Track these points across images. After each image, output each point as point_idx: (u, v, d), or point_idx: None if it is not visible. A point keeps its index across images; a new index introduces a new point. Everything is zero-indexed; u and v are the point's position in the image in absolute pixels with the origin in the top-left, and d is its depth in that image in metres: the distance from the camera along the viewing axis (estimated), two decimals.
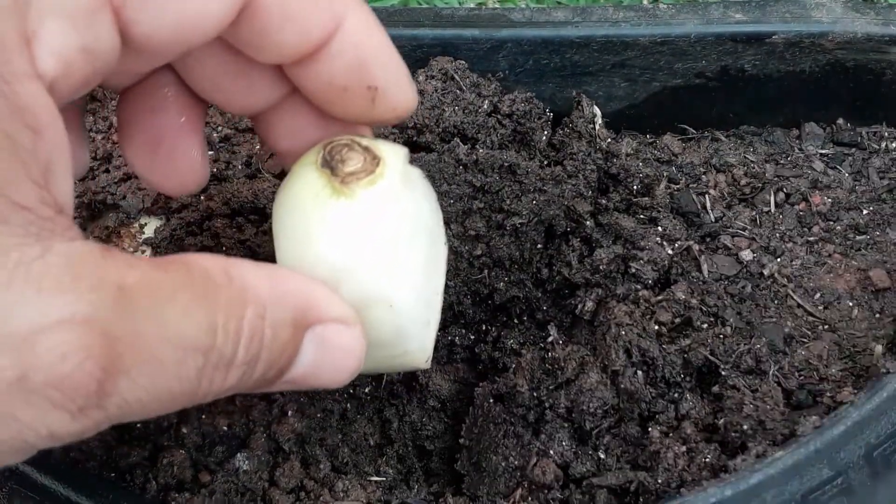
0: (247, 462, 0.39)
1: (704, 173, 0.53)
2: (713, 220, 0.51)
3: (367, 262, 0.33)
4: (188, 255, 0.28)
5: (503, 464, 0.42)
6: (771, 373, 0.42)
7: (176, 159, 0.36)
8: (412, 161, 0.37)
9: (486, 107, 0.49)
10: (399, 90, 0.35)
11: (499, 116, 0.49)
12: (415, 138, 0.48)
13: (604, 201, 0.49)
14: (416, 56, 0.50)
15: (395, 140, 0.47)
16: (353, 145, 0.34)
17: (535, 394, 0.43)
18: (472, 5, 0.92)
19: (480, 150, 0.46)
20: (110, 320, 0.25)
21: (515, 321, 0.48)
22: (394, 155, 0.34)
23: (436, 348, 0.47)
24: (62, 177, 0.26)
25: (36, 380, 0.23)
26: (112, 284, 0.25)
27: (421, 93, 0.48)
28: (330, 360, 0.32)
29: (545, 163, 0.49)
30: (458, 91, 0.48)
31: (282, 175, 0.46)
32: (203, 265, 0.28)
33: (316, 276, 0.32)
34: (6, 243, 0.23)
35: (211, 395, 0.28)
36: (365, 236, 0.33)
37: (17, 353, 0.23)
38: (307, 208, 0.33)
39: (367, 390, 0.45)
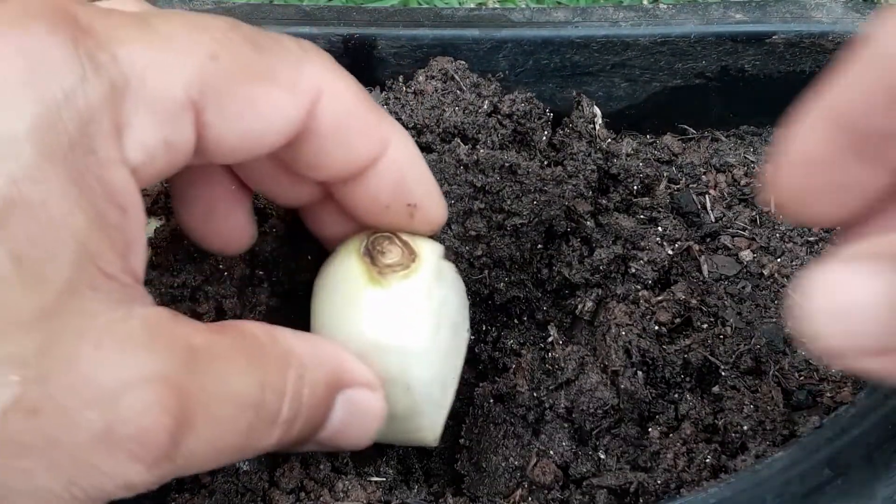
0: (247, 462, 0.39)
1: (704, 173, 0.53)
2: (713, 220, 0.51)
3: (391, 347, 0.36)
4: (238, 321, 0.32)
5: (503, 464, 0.42)
6: (771, 373, 0.42)
7: (228, 225, 0.39)
8: (446, 256, 0.40)
9: (486, 107, 0.49)
10: (434, 206, 0.38)
11: (499, 116, 0.49)
12: (415, 138, 0.48)
13: (604, 201, 0.49)
14: (416, 56, 0.50)
15: None
16: (394, 239, 0.38)
17: (534, 394, 0.43)
18: (472, 5, 0.92)
19: (481, 151, 0.46)
20: (183, 378, 0.27)
21: (515, 321, 0.48)
22: (430, 252, 0.38)
23: None
24: (139, 250, 0.28)
25: (120, 432, 0.26)
26: (183, 345, 0.28)
27: (421, 93, 0.48)
28: (355, 421, 0.34)
29: (545, 163, 0.49)
30: (458, 91, 0.48)
31: None
32: (253, 331, 0.31)
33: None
34: (96, 308, 0.26)
35: (256, 451, 0.31)
36: (393, 324, 0.36)
37: (104, 408, 0.25)
38: (345, 291, 0.37)
39: None
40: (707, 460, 0.39)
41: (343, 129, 0.34)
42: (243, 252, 0.41)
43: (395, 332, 0.36)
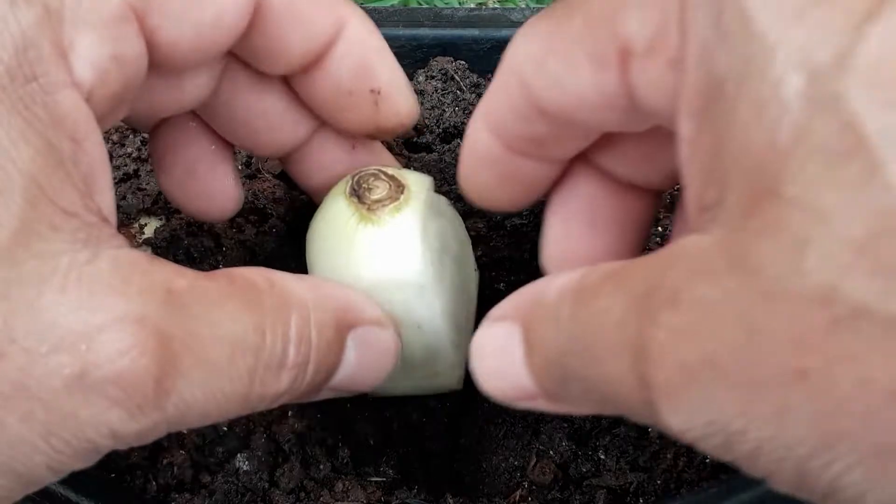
0: (247, 462, 0.39)
1: None
2: None
3: (393, 283, 0.34)
4: (230, 269, 0.30)
5: (503, 464, 0.42)
6: None
7: (210, 187, 0.37)
8: (437, 190, 0.39)
9: None
10: (400, 94, 0.36)
11: None
12: (415, 139, 0.48)
13: None
14: (416, 56, 0.50)
15: (396, 142, 0.47)
16: (379, 174, 0.36)
17: None
18: (472, 5, 0.92)
19: None
20: (163, 320, 0.25)
21: None
22: (419, 183, 0.36)
23: None
24: (104, 187, 0.27)
25: (95, 376, 0.24)
26: (161, 287, 0.26)
27: (421, 93, 0.48)
28: (369, 361, 0.33)
29: None
30: (458, 91, 0.48)
31: (282, 176, 0.47)
32: (245, 275, 0.29)
33: None
34: (58, 248, 0.25)
35: (265, 399, 0.29)
36: (391, 259, 0.34)
37: (76, 351, 0.24)
38: (338, 234, 0.35)
39: None
40: (707, 460, 0.39)
41: (295, 6, 0.32)
42: (230, 217, 0.40)
43: (394, 268, 0.34)
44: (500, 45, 0.52)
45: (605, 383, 0.24)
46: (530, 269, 0.47)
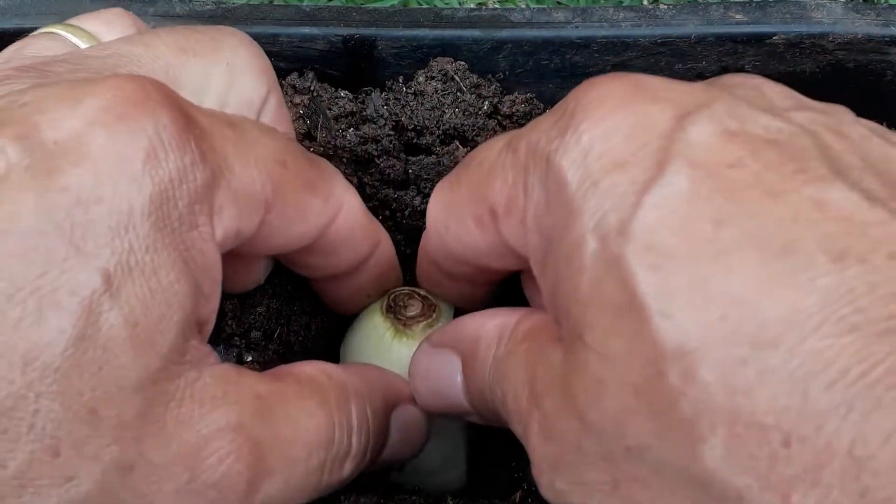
0: None
1: None
2: None
3: None
4: (292, 366, 0.34)
5: (502, 464, 0.42)
6: None
7: (249, 267, 0.40)
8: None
9: (486, 108, 0.49)
10: (398, 285, 0.43)
11: (499, 118, 0.49)
12: (414, 140, 0.48)
13: None
14: (416, 56, 0.50)
15: (391, 141, 0.47)
16: (413, 294, 0.41)
17: None
18: (472, 6, 0.92)
19: None
20: (254, 425, 0.29)
21: None
22: (446, 304, 0.42)
23: None
24: (214, 319, 0.31)
25: (199, 481, 0.28)
26: (251, 395, 0.30)
27: (421, 94, 0.48)
28: (407, 436, 0.37)
29: None
30: (458, 92, 0.48)
31: None
32: (306, 371, 0.33)
33: None
34: (180, 370, 0.29)
35: (331, 486, 0.33)
36: None
37: (188, 461, 0.28)
38: (374, 346, 0.40)
39: None
40: None
41: (349, 236, 0.37)
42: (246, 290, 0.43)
43: None
44: (500, 46, 0.52)
45: (516, 433, 0.30)
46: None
